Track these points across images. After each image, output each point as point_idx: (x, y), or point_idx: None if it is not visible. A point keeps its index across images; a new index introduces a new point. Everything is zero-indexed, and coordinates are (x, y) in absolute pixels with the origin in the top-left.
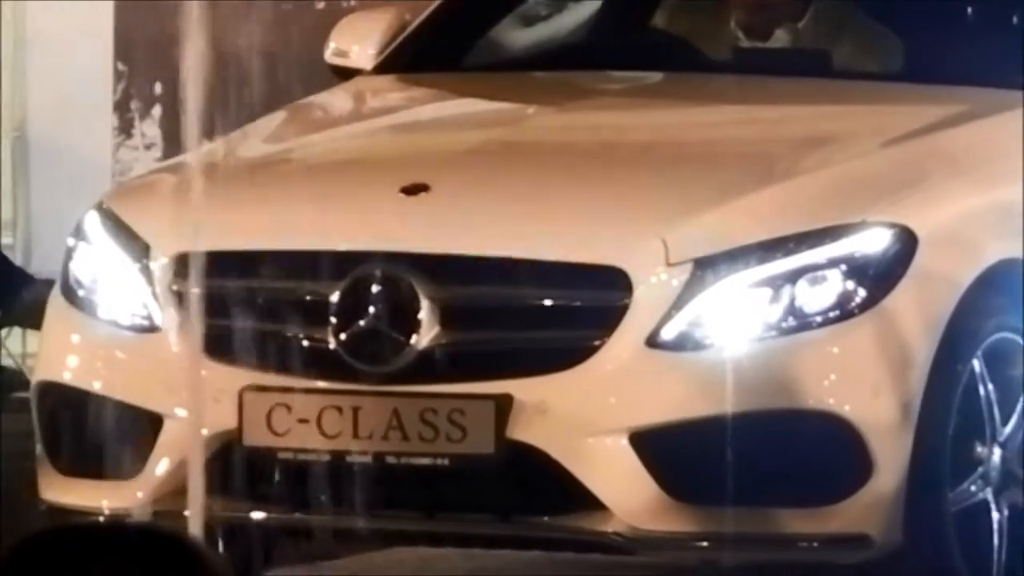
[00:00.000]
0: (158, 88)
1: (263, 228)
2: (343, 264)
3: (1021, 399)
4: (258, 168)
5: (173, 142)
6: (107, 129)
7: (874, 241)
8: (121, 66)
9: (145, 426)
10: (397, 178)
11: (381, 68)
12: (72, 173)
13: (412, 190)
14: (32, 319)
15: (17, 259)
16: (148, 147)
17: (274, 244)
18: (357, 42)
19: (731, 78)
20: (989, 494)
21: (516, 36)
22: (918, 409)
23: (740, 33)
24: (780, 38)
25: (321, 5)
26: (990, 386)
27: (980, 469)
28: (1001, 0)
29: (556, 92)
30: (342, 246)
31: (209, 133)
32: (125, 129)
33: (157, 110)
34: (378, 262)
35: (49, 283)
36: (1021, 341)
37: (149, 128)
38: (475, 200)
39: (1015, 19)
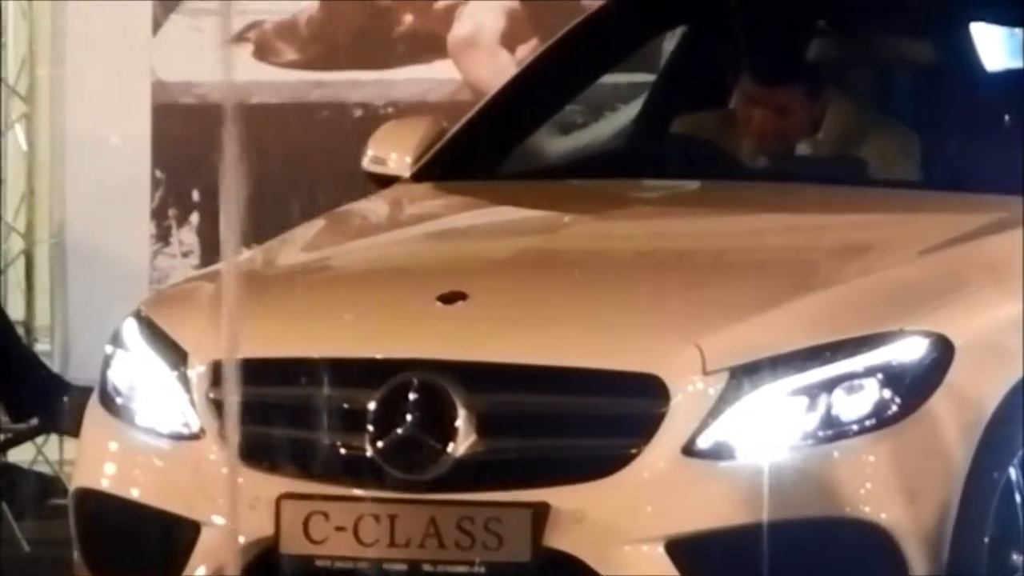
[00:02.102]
0: (195, 195)
1: (301, 336)
2: (380, 372)
3: None
4: (296, 276)
5: (211, 249)
6: (145, 236)
7: (911, 350)
8: (159, 174)
9: (183, 534)
10: (434, 286)
11: (418, 176)
12: (109, 280)
13: (449, 298)
14: (69, 426)
15: (55, 365)
16: (185, 255)
17: (312, 352)
18: (395, 150)
19: (766, 186)
20: None
21: (554, 144)
22: (954, 517)
23: (761, 157)
24: (800, 148)
25: (359, 112)
26: None
27: None
28: None
29: (592, 200)
30: (379, 354)
31: (246, 241)
32: (163, 236)
33: (195, 217)
34: (415, 370)
35: (86, 390)
36: None
37: (187, 235)
38: (512, 308)
39: None
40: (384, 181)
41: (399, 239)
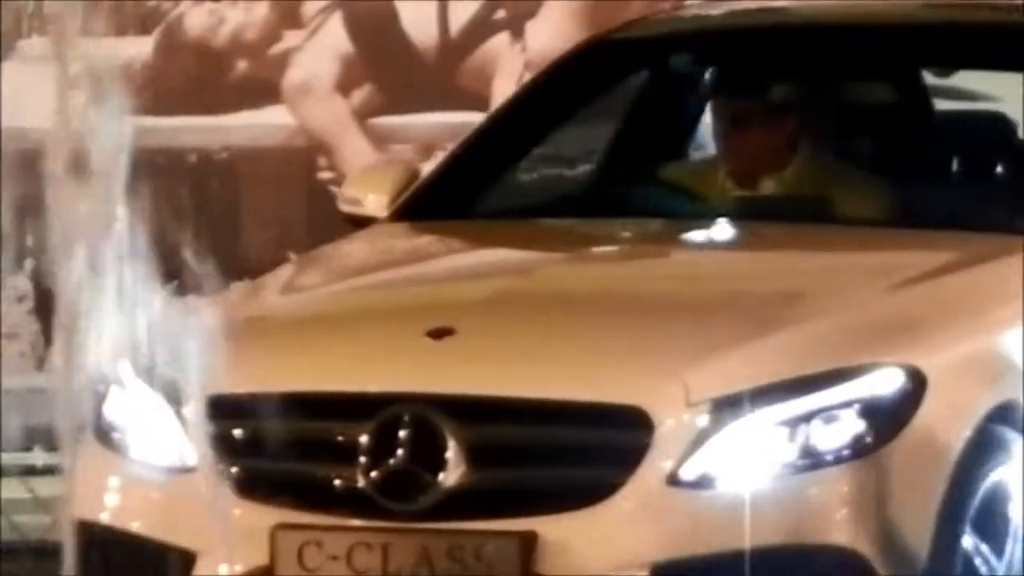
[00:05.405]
0: (29, 240)
1: (294, 371)
2: (372, 406)
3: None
4: (286, 313)
5: (44, 294)
6: None
7: (886, 382)
8: None
9: (178, 564)
10: (422, 322)
11: (396, 216)
12: None
13: (437, 334)
14: None
15: None
16: (20, 299)
17: (305, 387)
18: (371, 191)
19: (739, 224)
20: None
21: None
22: (929, 544)
23: (730, 182)
24: (767, 187)
25: (193, 158)
26: None
27: None
28: (990, 148)
29: (569, 239)
30: (371, 388)
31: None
32: None
33: (28, 263)
34: (406, 404)
35: None
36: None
37: (20, 281)
38: (499, 343)
39: (1006, 166)
40: (360, 222)
41: (384, 277)
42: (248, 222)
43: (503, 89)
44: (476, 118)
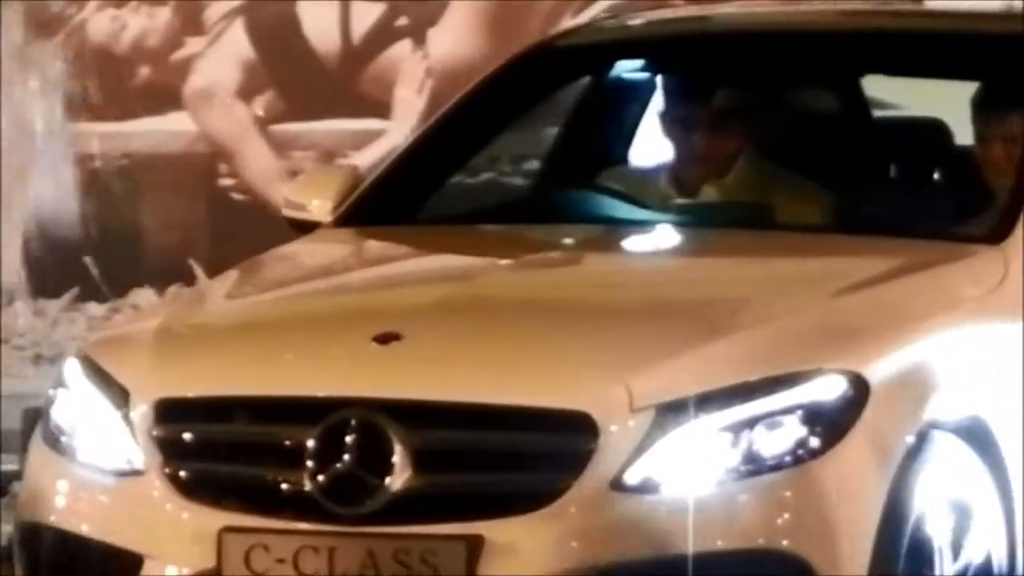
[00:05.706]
0: None
1: (242, 376)
2: (319, 410)
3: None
4: (234, 318)
5: None
6: None
7: (829, 388)
8: None
9: (126, 566)
10: (369, 328)
11: (340, 221)
12: None
13: (384, 339)
14: None
15: None
16: None
17: (252, 391)
18: (315, 196)
19: (678, 230)
20: None
21: None
22: (871, 548)
23: (672, 189)
24: (708, 193)
25: (96, 164)
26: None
27: None
28: (929, 154)
29: (513, 244)
30: (319, 393)
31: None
32: None
33: None
34: (353, 408)
35: None
36: None
37: None
38: (446, 348)
39: (945, 172)
40: (303, 227)
41: (329, 283)
42: (149, 228)
43: (404, 96)
44: (378, 125)
